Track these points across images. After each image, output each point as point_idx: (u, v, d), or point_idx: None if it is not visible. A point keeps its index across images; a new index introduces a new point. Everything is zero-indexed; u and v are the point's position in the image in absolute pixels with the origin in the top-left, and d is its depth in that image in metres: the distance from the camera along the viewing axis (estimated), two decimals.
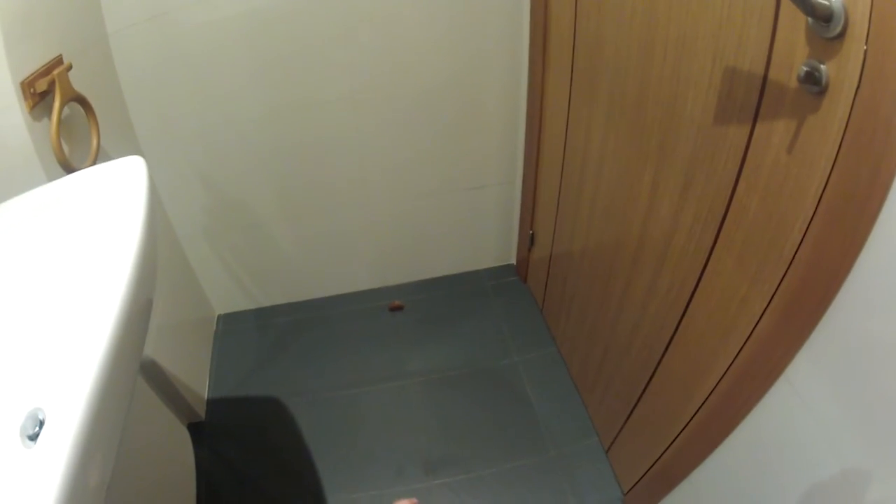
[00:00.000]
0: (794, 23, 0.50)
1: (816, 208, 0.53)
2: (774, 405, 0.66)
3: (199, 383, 1.40)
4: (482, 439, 1.30)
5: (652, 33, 0.77)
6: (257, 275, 1.61)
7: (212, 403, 1.41)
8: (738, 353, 0.69)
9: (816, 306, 0.55)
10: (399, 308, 1.64)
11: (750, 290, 0.66)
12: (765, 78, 0.57)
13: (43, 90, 0.82)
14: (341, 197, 1.47)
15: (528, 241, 1.58)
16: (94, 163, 0.91)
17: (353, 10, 1.16)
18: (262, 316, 1.66)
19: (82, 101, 0.90)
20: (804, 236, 0.55)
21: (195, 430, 1.32)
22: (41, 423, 0.40)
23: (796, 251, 0.57)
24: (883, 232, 0.46)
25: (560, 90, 1.16)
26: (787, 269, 0.59)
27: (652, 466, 0.99)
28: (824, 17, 0.44)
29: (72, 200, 0.64)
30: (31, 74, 0.80)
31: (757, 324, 0.65)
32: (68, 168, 0.83)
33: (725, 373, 0.73)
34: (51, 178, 0.81)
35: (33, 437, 0.39)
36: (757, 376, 0.66)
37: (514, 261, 1.75)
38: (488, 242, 1.70)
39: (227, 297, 1.63)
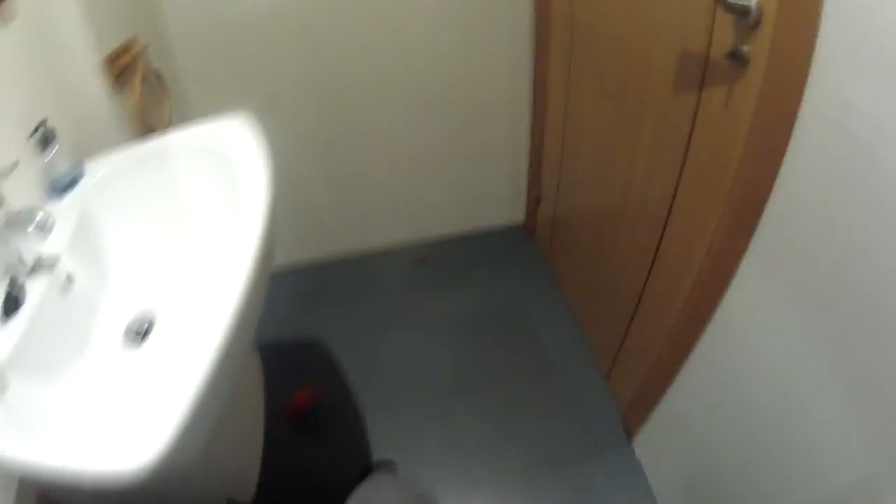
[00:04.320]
0: (726, 17, 0.72)
1: (745, 146, 0.76)
2: (731, 304, 0.86)
3: None
4: (499, 369, 1.54)
5: (629, 27, 1.00)
6: (293, 229, 1.80)
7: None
8: (701, 264, 0.92)
9: (753, 216, 0.78)
10: (423, 261, 1.89)
11: (706, 215, 0.89)
12: (706, 57, 0.79)
13: (124, 64, 0.91)
14: (371, 146, 1.69)
15: (535, 201, 1.85)
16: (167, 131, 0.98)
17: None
18: (295, 270, 1.86)
19: (157, 76, 1.00)
20: (738, 168, 0.78)
21: None
22: (146, 328, 0.59)
23: (734, 178, 0.80)
24: (792, 155, 0.69)
25: (560, 72, 1.41)
26: (729, 193, 0.82)
27: (643, 382, 1.20)
28: (743, 14, 0.66)
29: (196, 150, 0.77)
30: (113, 51, 0.90)
31: (713, 239, 0.88)
32: (153, 133, 0.91)
33: (694, 284, 0.95)
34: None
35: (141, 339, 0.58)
36: (716, 281, 0.88)
37: (522, 219, 2.01)
38: (500, 203, 1.97)
39: None
